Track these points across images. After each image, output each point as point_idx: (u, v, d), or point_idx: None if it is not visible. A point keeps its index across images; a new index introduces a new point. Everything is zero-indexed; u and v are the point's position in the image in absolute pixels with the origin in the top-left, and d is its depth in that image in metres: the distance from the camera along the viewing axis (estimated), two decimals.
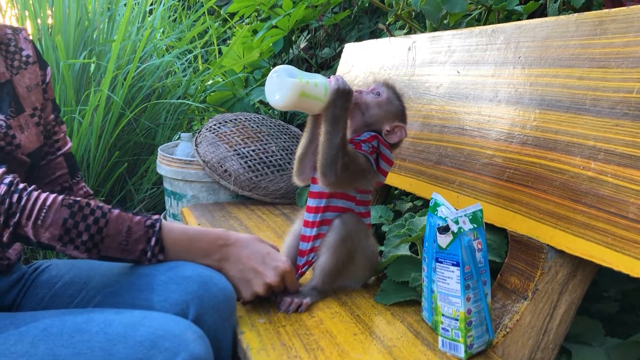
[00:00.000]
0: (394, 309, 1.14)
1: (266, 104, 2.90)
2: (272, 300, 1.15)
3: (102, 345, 0.88)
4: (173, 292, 1.00)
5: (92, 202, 0.99)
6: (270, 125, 2.20)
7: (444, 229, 0.94)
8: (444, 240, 0.94)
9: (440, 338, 0.98)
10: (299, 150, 1.20)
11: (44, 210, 0.95)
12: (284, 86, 1.08)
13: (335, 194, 1.17)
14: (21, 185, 0.96)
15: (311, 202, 1.19)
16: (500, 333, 1.00)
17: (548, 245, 0.99)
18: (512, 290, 1.04)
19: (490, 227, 1.14)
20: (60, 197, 0.97)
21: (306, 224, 1.19)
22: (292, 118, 2.71)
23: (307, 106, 1.11)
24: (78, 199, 0.99)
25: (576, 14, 1.08)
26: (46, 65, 1.22)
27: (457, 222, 0.94)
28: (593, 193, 0.94)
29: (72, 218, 0.97)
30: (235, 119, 2.18)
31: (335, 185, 1.12)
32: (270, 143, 2.10)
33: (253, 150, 2.04)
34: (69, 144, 1.27)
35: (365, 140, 1.16)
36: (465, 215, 0.96)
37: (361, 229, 1.18)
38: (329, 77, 1.13)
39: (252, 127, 2.15)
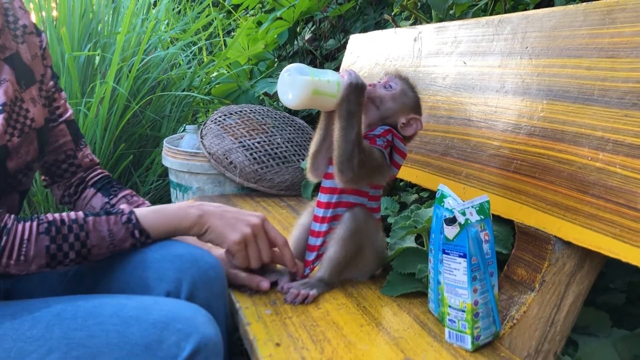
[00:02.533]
0: (401, 300, 1.14)
1: (271, 96, 2.89)
2: (278, 290, 1.15)
3: (116, 327, 0.89)
4: (167, 270, 1.02)
5: (65, 217, 0.99)
6: (275, 117, 2.20)
7: (451, 220, 0.94)
8: (450, 231, 0.94)
9: (446, 329, 0.98)
10: (312, 147, 1.19)
11: (24, 245, 0.95)
12: (296, 85, 1.07)
13: (347, 189, 1.16)
14: None
15: (322, 198, 1.18)
16: (507, 324, 1.00)
17: (555, 236, 0.99)
18: (519, 281, 1.04)
19: (497, 219, 1.14)
20: (35, 224, 0.96)
21: (316, 219, 1.19)
22: (296, 110, 2.70)
23: (321, 103, 1.11)
24: (51, 218, 0.98)
25: (584, 3, 1.07)
26: (40, 31, 1.20)
27: (464, 214, 0.93)
28: (601, 184, 0.93)
29: (53, 243, 0.96)
30: (241, 111, 2.17)
31: (352, 181, 1.11)
32: (276, 135, 2.10)
33: (258, 142, 2.03)
34: (70, 111, 1.26)
35: (379, 134, 1.16)
36: (472, 207, 0.96)
37: (371, 224, 1.17)
38: (341, 73, 1.13)
39: (257, 119, 2.15)
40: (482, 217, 0.96)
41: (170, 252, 1.04)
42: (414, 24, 1.99)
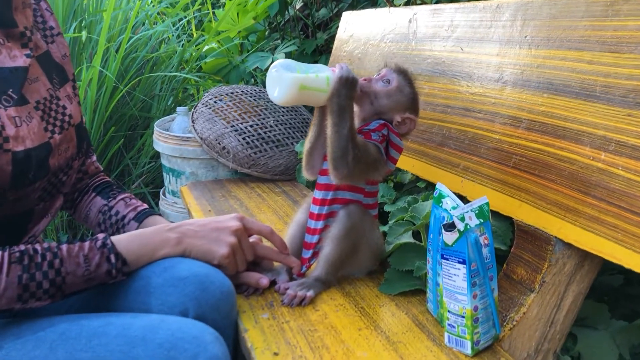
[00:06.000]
0: (399, 299, 1.12)
1: (263, 71, 2.83)
2: (275, 291, 1.14)
3: (121, 348, 0.87)
4: (170, 295, 0.98)
5: (38, 246, 0.94)
6: (267, 98, 2.15)
7: (450, 226, 0.91)
8: (449, 237, 0.92)
9: (446, 334, 0.97)
10: (306, 144, 1.16)
11: None
12: (282, 81, 1.04)
13: (342, 186, 1.13)
14: None
15: (318, 194, 1.16)
16: (507, 326, 0.99)
17: (556, 237, 0.97)
18: (519, 281, 1.03)
19: (495, 214, 1.12)
20: (7, 254, 0.91)
21: (312, 216, 1.17)
22: None
23: (310, 99, 1.08)
24: (23, 248, 0.93)
25: None
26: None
27: (463, 219, 0.91)
28: (603, 185, 0.91)
29: (26, 272, 0.91)
30: (232, 92, 2.12)
31: (348, 178, 1.08)
32: (268, 117, 2.06)
33: (251, 126, 1.99)
34: (82, 116, 1.23)
35: (374, 129, 1.12)
36: (471, 210, 0.94)
37: (367, 221, 1.15)
38: (333, 68, 1.09)
39: (249, 100, 2.10)
40: (482, 220, 0.94)
41: (173, 275, 1.00)
42: (407, 3, 1.93)
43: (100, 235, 1.01)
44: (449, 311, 0.95)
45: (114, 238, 1.02)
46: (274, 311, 1.08)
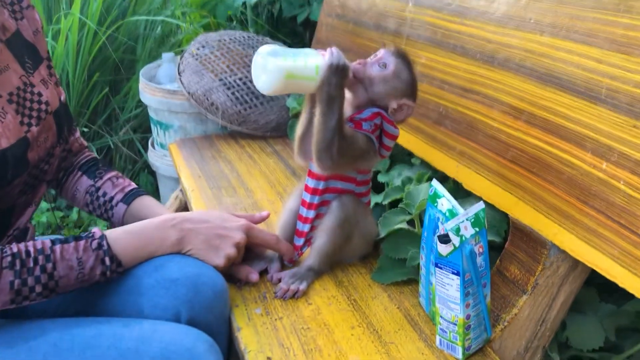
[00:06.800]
0: (391, 289, 1.13)
1: (252, 6, 2.69)
2: (267, 280, 1.14)
3: None
4: (162, 297, 0.98)
5: (31, 248, 0.92)
6: (256, 45, 2.06)
7: (445, 238, 0.90)
8: (444, 249, 0.91)
9: (438, 337, 0.98)
10: (298, 130, 1.11)
11: None
12: (268, 69, 0.98)
13: (334, 175, 1.11)
14: None
15: (310, 182, 1.13)
16: (498, 327, 1.00)
17: (551, 242, 0.96)
18: (512, 280, 1.02)
19: (490, 204, 1.10)
20: None
21: (303, 203, 1.15)
22: (277, 28, 2.54)
23: (299, 87, 1.02)
24: (15, 250, 0.91)
25: None
26: (33, 6, 1.11)
27: (458, 231, 0.89)
28: (603, 197, 0.88)
29: (18, 277, 0.89)
30: (220, 40, 2.03)
31: (332, 169, 1.06)
32: None
33: (240, 79, 1.92)
34: (63, 94, 1.17)
35: (366, 118, 1.07)
36: (467, 219, 0.92)
37: (359, 210, 1.13)
38: (323, 52, 1.03)
39: (238, 49, 2.01)
40: (477, 229, 0.92)
41: (164, 276, 0.98)
42: None
43: (97, 233, 0.98)
44: (441, 316, 0.96)
45: (110, 236, 0.98)
46: (267, 305, 1.08)
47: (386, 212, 1.17)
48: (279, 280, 1.13)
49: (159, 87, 1.97)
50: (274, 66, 0.98)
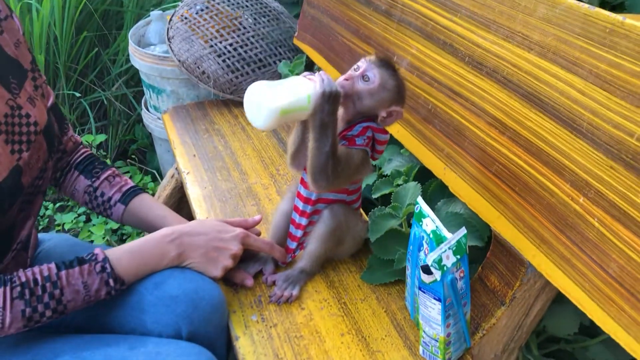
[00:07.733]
0: (379, 290, 1.20)
1: None
2: (262, 282, 1.21)
3: None
4: (163, 315, 1.05)
5: (38, 276, 0.96)
6: (246, 6, 2.01)
7: (427, 270, 0.95)
8: (427, 278, 0.96)
9: (421, 347, 1.05)
10: (290, 147, 1.14)
11: (0, 313, 0.93)
12: (262, 110, 1.00)
13: None
14: None
15: (303, 191, 1.17)
16: (477, 335, 1.07)
17: (529, 262, 1.01)
18: (492, 289, 1.09)
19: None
20: (9, 289, 0.93)
21: (296, 209, 1.19)
22: None
23: (293, 118, 1.06)
24: (24, 279, 0.95)
25: (587, 6, 0.94)
26: (11, 10, 1.08)
27: (440, 262, 0.94)
28: (579, 230, 0.92)
29: (28, 306, 0.95)
30: (208, 2, 1.97)
31: (328, 189, 1.11)
32: (249, 31, 1.94)
33: (230, 45, 1.89)
34: (52, 95, 1.18)
35: (358, 134, 1.10)
36: (449, 248, 0.96)
37: (350, 217, 1.19)
38: (311, 77, 1.03)
39: (227, 11, 1.97)
40: (459, 256, 0.97)
41: (165, 293, 1.05)
42: None
43: (100, 255, 1.03)
44: (424, 331, 1.03)
45: (112, 257, 1.04)
46: (262, 310, 1.15)
47: (375, 217, 1.21)
48: (274, 283, 1.19)
49: (149, 53, 1.95)
50: (268, 108, 1.00)
